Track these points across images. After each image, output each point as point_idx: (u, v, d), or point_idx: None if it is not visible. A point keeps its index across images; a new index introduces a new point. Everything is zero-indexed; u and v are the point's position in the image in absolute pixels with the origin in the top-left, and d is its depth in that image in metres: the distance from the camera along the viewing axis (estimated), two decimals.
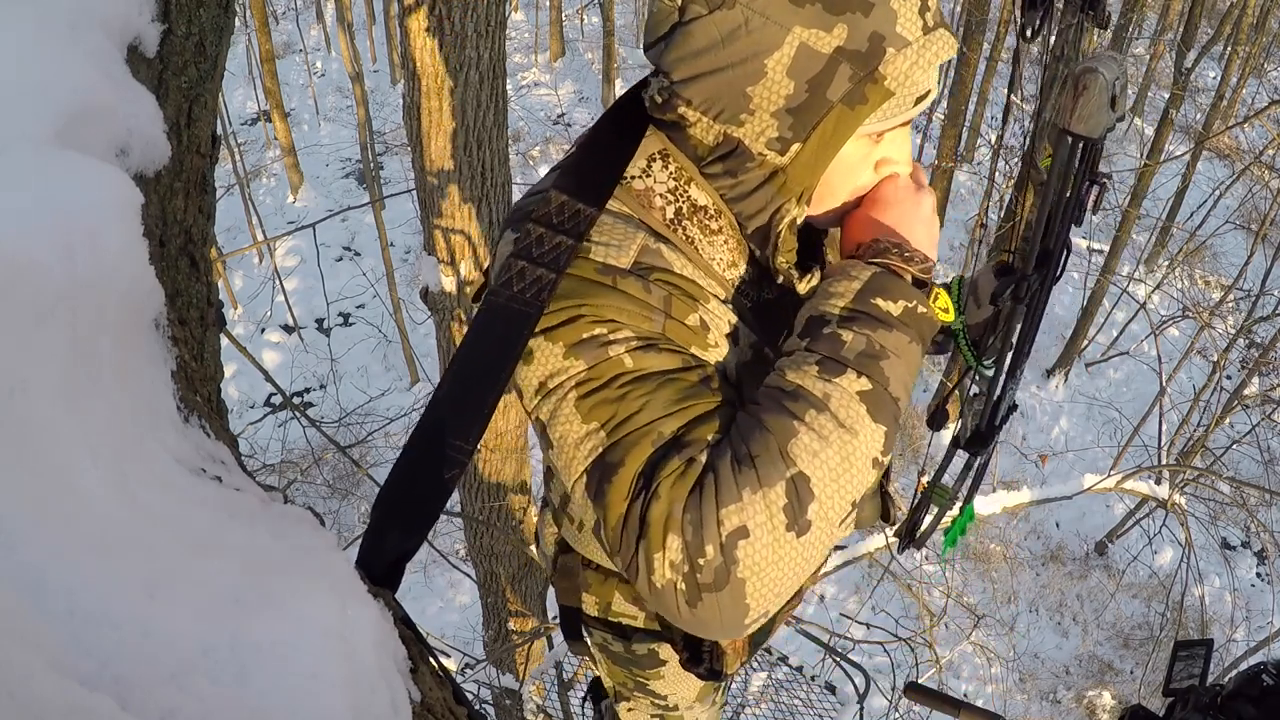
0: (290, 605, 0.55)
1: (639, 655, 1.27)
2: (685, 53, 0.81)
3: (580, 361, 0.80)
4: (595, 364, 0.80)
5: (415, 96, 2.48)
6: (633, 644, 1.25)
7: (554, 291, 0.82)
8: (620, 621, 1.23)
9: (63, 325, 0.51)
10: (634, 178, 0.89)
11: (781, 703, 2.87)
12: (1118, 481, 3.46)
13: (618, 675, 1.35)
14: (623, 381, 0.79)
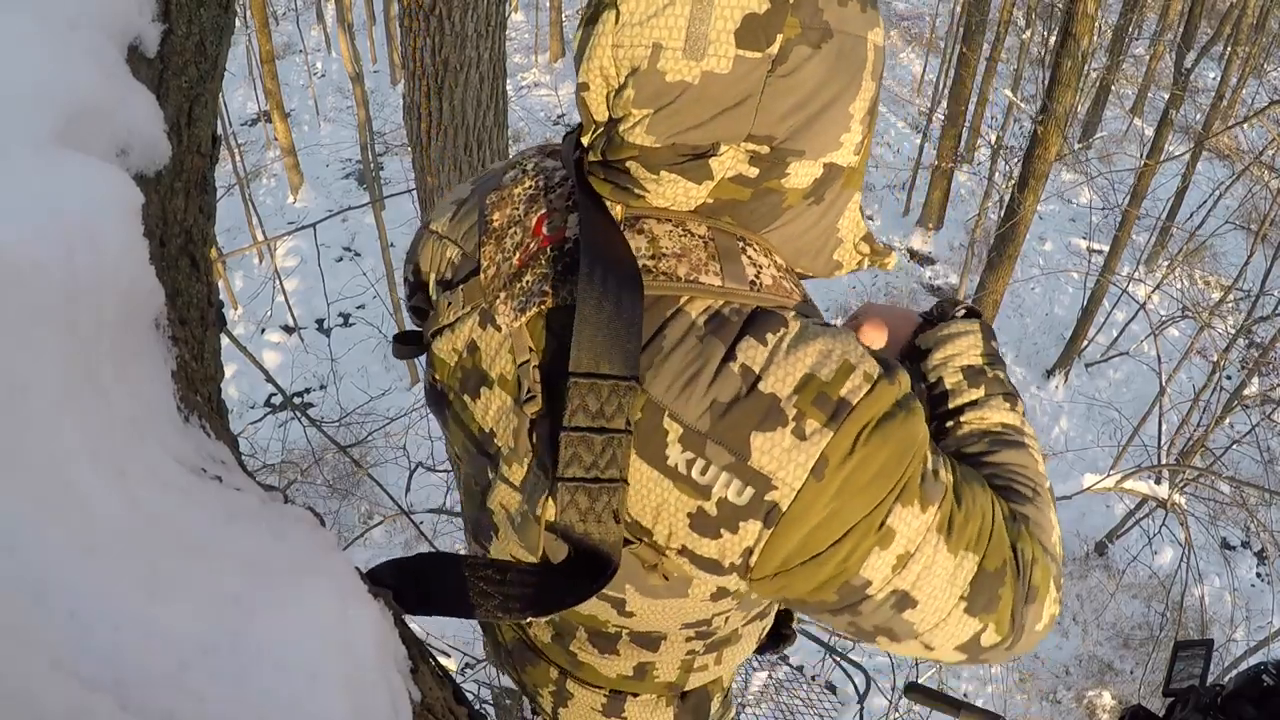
0: (290, 605, 0.55)
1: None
2: (794, 102, 0.69)
3: (932, 508, 0.72)
4: (939, 501, 0.72)
5: (415, 96, 2.48)
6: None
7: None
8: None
9: (63, 325, 0.51)
10: (757, 276, 0.74)
11: (781, 703, 2.87)
12: (1118, 481, 3.46)
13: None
14: (955, 496, 0.74)
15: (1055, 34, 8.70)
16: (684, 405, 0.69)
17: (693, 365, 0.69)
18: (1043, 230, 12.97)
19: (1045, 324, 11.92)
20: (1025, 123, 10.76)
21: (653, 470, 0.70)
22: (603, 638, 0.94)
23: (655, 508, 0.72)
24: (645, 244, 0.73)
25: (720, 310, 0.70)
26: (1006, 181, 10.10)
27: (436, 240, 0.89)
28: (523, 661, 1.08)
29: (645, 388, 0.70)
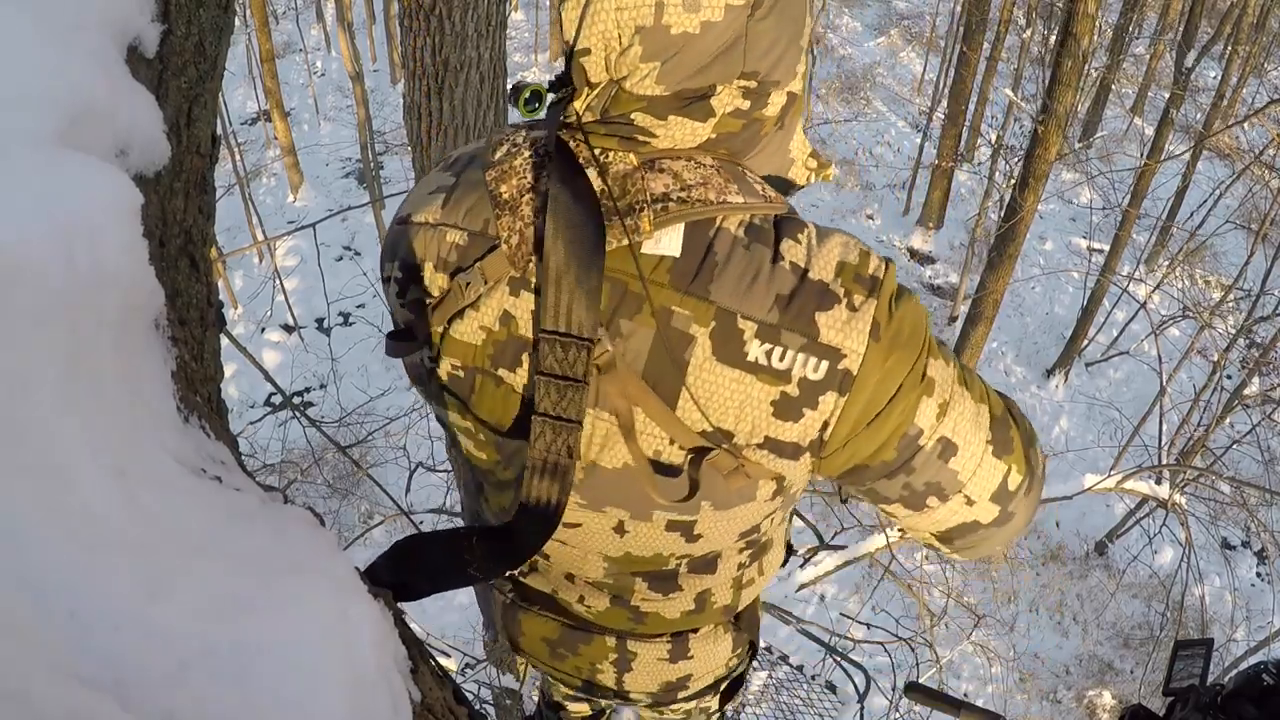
0: (290, 605, 0.55)
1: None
2: (770, 40, 0.77)
3: (952, 363, 0.86)
4: (952, 359, 0.87)
5: (415, 96, 2.48)
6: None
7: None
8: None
9: (63, 325, 0.51)
10: (764, 191, 0.83)
11: (781, 702, 2.88)
12: (1118, 481, 3.46)
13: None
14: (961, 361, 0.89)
15: (1055, 33, 8.70)
16: (752, 305, 0.78)
17: (749, 270, 0.78)
18: (1043, 230, 12.96)
19: (1045, 323, 11.91)
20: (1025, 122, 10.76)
21: (734, 371, 0.79)
22: (663, 579, 1.00)
23: (738, 406, 0.80)
24: (671, 180, 0.80)
25: (752, 221, 0.80)
26: (1007, 181, 10.10)
27: (429, 230, 0.88)
28: (572, 646, 1.10)
29: (711, 299, 0.78)
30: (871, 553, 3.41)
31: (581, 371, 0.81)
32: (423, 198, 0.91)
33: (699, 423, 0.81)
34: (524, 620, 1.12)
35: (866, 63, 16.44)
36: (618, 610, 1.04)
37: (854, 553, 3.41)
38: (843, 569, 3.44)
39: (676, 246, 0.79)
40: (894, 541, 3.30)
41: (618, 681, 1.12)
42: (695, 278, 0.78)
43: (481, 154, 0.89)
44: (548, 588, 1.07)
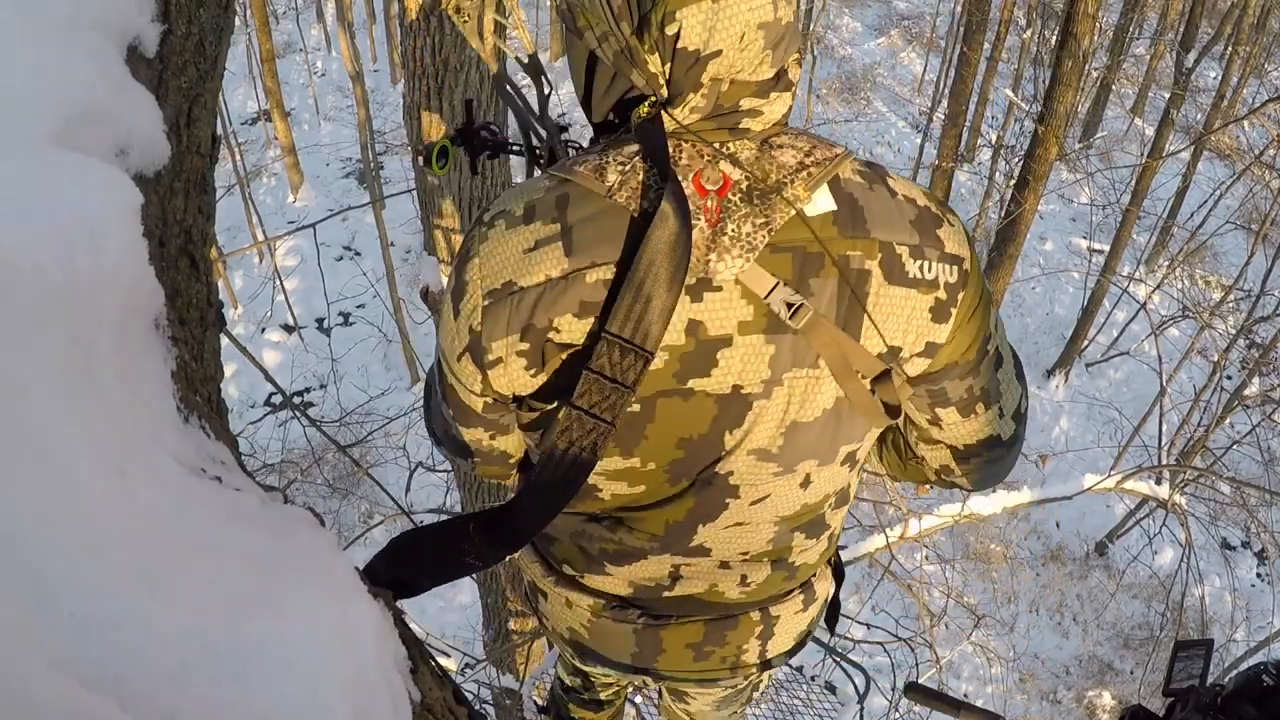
0: (290, 605, 0.55)
1: None
2: (794, 29, 0.87)
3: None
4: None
5: (415, 96, 2.48)
6: None
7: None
8: None
9: (62, 325, 0.51)
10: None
11: (781, 703, 2.88)
12: (1118, 481, 3.46)
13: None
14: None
15: (1056, 33, 8.70)
16: (899, 232, 0.89)
17: (884, 206, 0.90)
18: (1043, 230, 12.96)
19: (1046, 324, 11.91)
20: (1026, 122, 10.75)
21: (902, 289, 0.90)
22: (815, 524, 1.09)
23: (906, 319, 0.91)
24: (794, 152, 0.88)
25: (859, 169, 0.91)
26: (1007, 181, 10.09)
27: (555, 284, 0.86)
28: (719, 637, 1.15)
29: (873, 235, 0.88)
30: (871, 553, 3.41)
31: (631, 380, 0.85)
32: (520, 260, 0.87)
33: (877, 346, 0.91)
34: (665, 635, 1.14)
35: (867, 63, 16.44)
36: (777, 575, 1.11)
37: (854, 553, 3.41)
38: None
39: (830, 202, 0.88)
40: (894, 542, 3.30)
41: (761, 654, 1.19)
42: (853, 222, 0.88)
43: (560, 192, 0.88)
44: (700, 588, 1.10)
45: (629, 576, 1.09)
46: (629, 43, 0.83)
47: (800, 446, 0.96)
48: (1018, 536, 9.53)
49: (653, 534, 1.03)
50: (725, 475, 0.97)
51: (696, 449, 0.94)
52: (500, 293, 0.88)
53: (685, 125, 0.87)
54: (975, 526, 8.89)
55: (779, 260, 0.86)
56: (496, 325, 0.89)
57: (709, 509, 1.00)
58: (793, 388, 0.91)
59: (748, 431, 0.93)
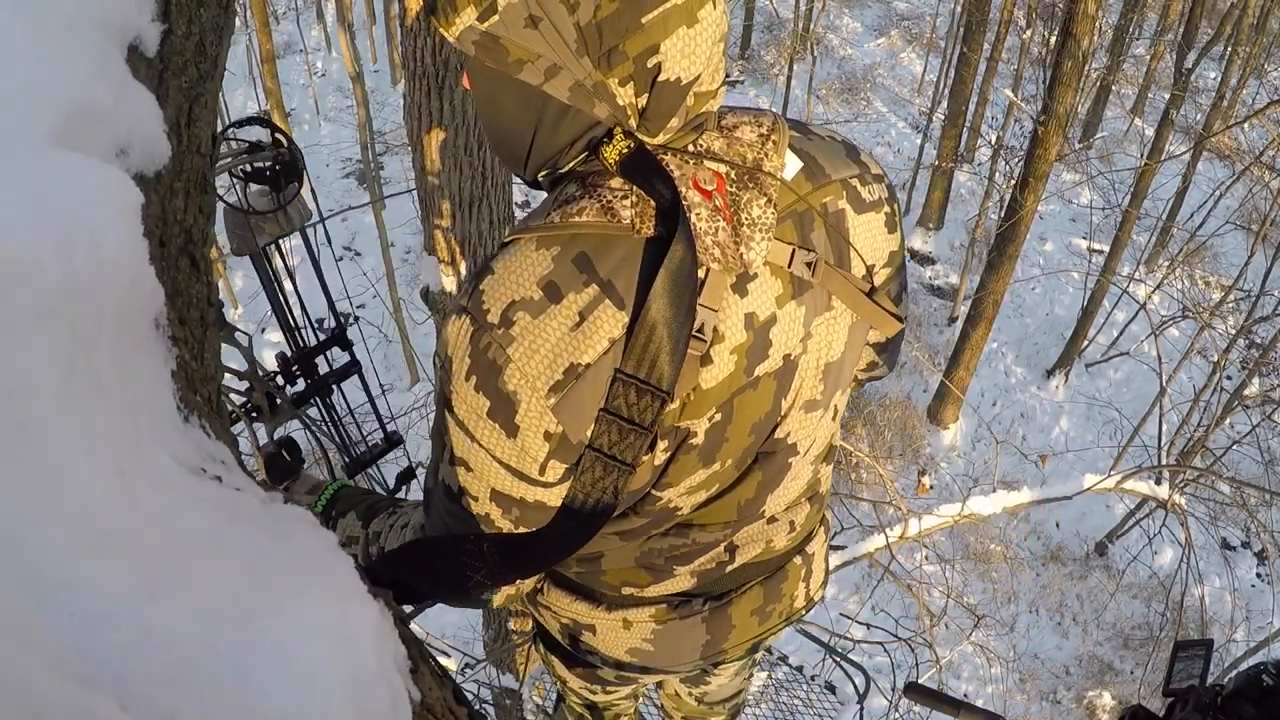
0: (290, 605, 0.55)
1: None
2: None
3: None
4: None
5: (415, 96, 2.48)
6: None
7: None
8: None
9: (63, 325, 0.51)
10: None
11: (781, 703, 2.88)
12: (1118, 482, 3.46)
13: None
14: None
15: (1056, 34, 8.70)
16: (846, 169, 0.97)
17: (825, 150, 0.97)
18: (1043, 230, 12.96)
19: (1045, 324, 11.91)
20: (1025, 123, 10.76)
21: (865, 214, 0.98)
22: (830, 450, 1.16)
23: (872, 238, 0.99)
24: (748, 129, 0.91)
25: (788, 121, 0.96)
26: (1007, 181, 10.10)
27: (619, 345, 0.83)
28: (776, 593, 1.18)
29: (832, 178, 0.95)
30: (871, 553, 3.41)
31: (649, 421, 0.82)
32: (568, 338, 0.81)
33: (860, 269, 0.97)
34: (733, 612, 1.15)
35: (867, 63, 16.44)
36: (813, 510, 1.17)
37: (854, 553, 3.41)
38: (842, 569, 3.43)
39: (796, 161, 0.93)
40: (893, 542, 3.30)
41: (807, 595, 1.23)
42: (818, 172, 0.95)
43: (574, 251, 0.82)
44: (756, 551, 1.12)
45: (693, 569, 1.09)
46: (593, 75, 0.77)
47: (833, 382, 1.02)
48: (1018, 536, 9.53)
49: (726, 521, 1.05)
50: (784, 438, 1.00)
51: (762, 428, 0.97)
52: (566, 381, 0.81)
53: (662, 144, 0.85)
54: (975, 527, 8.89)
55: (784, 228, 0.91)
56: (582, 413, 0.83)
57: (776, 476, 1.04)
58: (819, 334, 0.96)
59: (798, 390, 0.97)
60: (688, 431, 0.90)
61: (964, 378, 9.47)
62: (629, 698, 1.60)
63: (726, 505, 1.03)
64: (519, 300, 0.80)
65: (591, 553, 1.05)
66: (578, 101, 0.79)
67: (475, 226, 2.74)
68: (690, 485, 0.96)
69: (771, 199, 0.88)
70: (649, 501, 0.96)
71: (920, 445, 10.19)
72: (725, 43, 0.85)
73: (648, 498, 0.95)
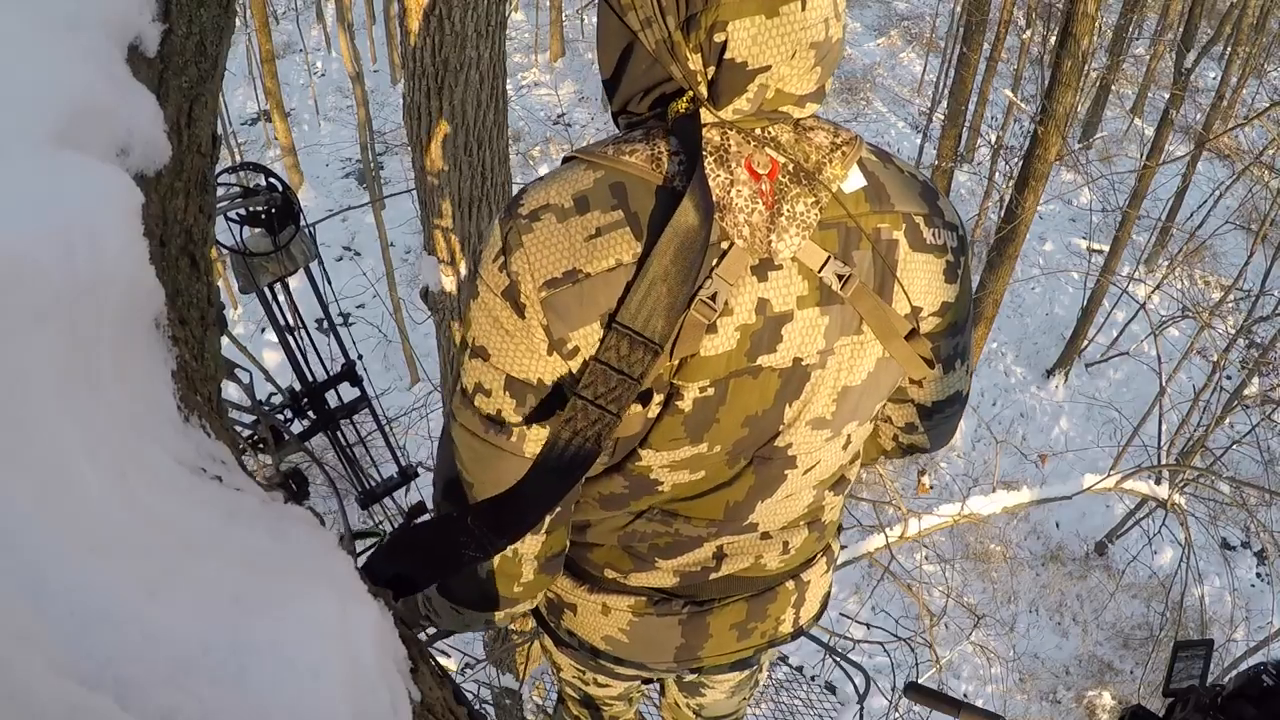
0: (290, 605, 0.55)
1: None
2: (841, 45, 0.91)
3: None
4: None
5: (415, 96, 2.48)
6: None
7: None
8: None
9: (62, 325, 0.51)
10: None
11: (781, 703, 2.87)
12: (1118, 481, 3.46)
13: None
14: None
15: (1055, 34, 8.70)
16: (913, 204, 0.96)
17: (899, 181, 0.97)
18: (1043, 230, 12.96)
19: (1045, 324, 11.91)
20: (1025, 122, 10.76)
21: (923, 254, 0.97)
22: (841, 480, 1.14)
23: (926, 281, 0.98)
24: (824, 135, 0.93)
25: (869, 147, 0.97)
26: (1006, 181, 10.09)
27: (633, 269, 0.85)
28: (761, 613, 1.17)
29: (897, 209, 0.95)
30: (871, 553, 3.41)
31: (639, 373, 0.85)
32: (580, 244, 0.85)
33: (904, 307, 0.97)
34: (712, 621, 1.15)
35: (867, 63, 16.44)
36: (813, 536, 1.15)
37: (854, 553, 3.41)
38: (842, 569, 3.44)
39: (861, 179, 0.93)
40: (893, 541, 3.30)
41: (795, 622, 1.22)
42: (879, 197, 0.94)
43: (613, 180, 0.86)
44: (745, 563, 1.11)
45: (676, 566, 1.09)
46: (673, 36, 0.83)
47: (848, 409, 1.01)
48: (1017, 536, 9.53)
49: (711, 519, 1.04)
50: (784, 448, 1.00)
51: (759, 426, 0.96)
52: (562, 281, 0.84)
53: (729, 121, 0.88)
54: (975, 526, 8.89)
55: (827, 236, 0.91)
56: (569, 315, 0.85)
57: (768, 484, 1.03)
58: (842, 355, 0.96)
59: (806, 402, 0.97)
60: (678, 393, 0.91)
61: None
62: (622, 699, 1.60)
63: (714, 502, 1.02)
64: (551, 205, 0.86)
65: (579, 521, 1.06)
66: (659, 55, 0.86)
67: (475, 226, 2.74)
68: (673, 459, 0.95)
69: (820, 201, 0.89)
70: (632, 460, 0.96)
71: None
72: (826, 56, 0.86)
73: (631, 456, 0.95)
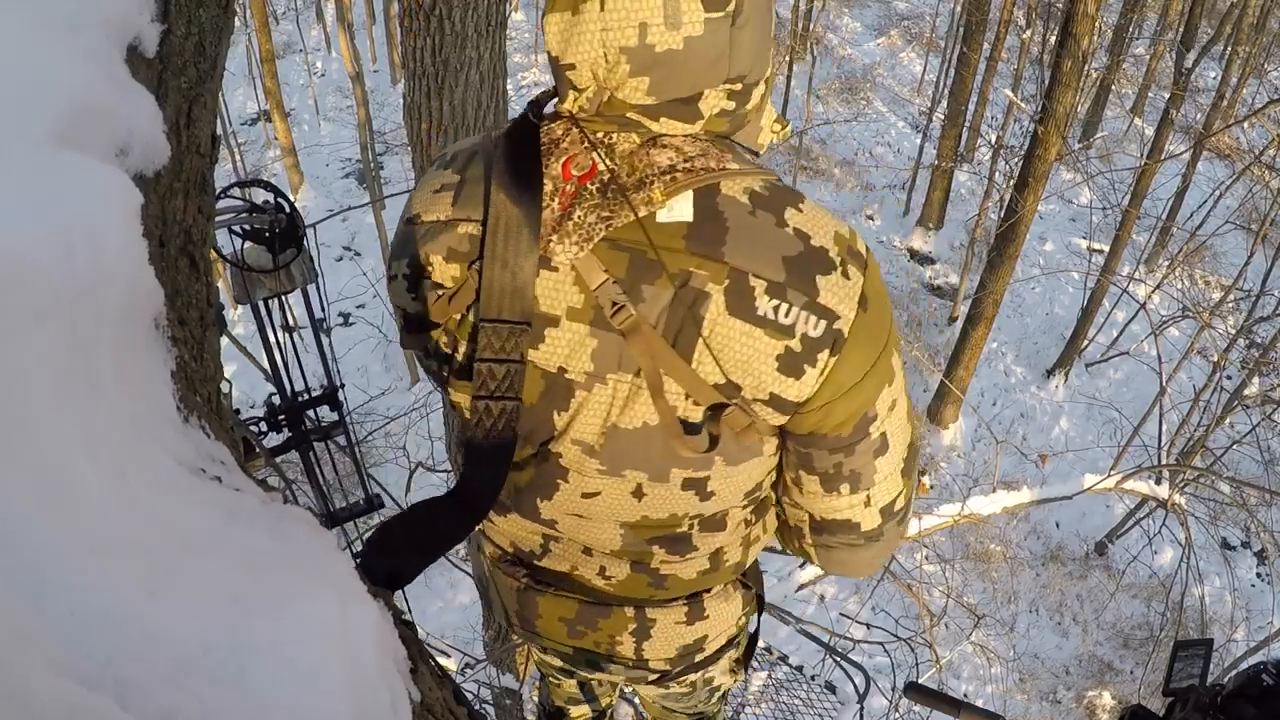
0: (290, 605, 0.55)
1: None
2: (750, 42, 0.84)
3: (902, 369, 0.95)
4: (902, 367, 0.95)
5: (415, 96, 2.48)
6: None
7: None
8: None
9: (62, 325, 0.51)
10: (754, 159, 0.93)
11: (781, 703, 2.87)
12: (1118, 481, 3.46)
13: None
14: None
15: (1055, 34, 8.70)
16: (761, 264, 0.84)
17: (755, 234, 0.84)
18: (1043, 230, 12.96)
19: (1045, 324, 11.91)
20: (1025, 122, 10.76)
21: (745, 324, 0.85)
22: (677, 540, 1.05)
23: (746, 358, 0.86)
24: (674, 154, 0.86)
25: (755, 189, 0.86)
26: (1007, 181, 10.09)
27: (439, 226, 0.94)
28: (591, 622, 1.14)
29: (725, 260, 0.84)
30: None
31: (520, 353, 0.89)
32: (429, 197, 0.95)
33: (714, 375, 0.87)
34: (541, 603, 1.14)
35: (867, 63, 16.44)
36: (639, 576, 1.08)
37: None
38: None
39: (689, 212, 0.84)
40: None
41: (637, 651, 1.15)
42: (709, 240, 0.84)
43: (482, 149, 0.94)
44: (565, 566, 1.10)
45: (508, 532, 1.11)
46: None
47: (622, 453, 0.94)
48: (1018, 536, 9.53)
49: (508, 494, 1.05)
50: (557, 456, 0.98)
51: (535, 418, 0.96)
52: (409, 222, 0.96)
53: (575, 115, 0.89)
54: (975, 526, 8.89)
55: (616, 257, 0.86)
56: (397, 247, 0.98)
57: (544, 485, 1.01)
58: (616, 390, 0.90)
59: (572, 419, 0.93)
60: (454, 343, 0.97)
61: (964, 377, 9.47)
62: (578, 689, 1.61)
63: (511, 478, 1.03)
64: (443, 154, 0.98)
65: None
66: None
67: None
68: (457, 385, 0.98)
69: (613, 219, 0.85)
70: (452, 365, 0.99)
71: (920, 445, 10.20)
72: (653, 67, 0.81)
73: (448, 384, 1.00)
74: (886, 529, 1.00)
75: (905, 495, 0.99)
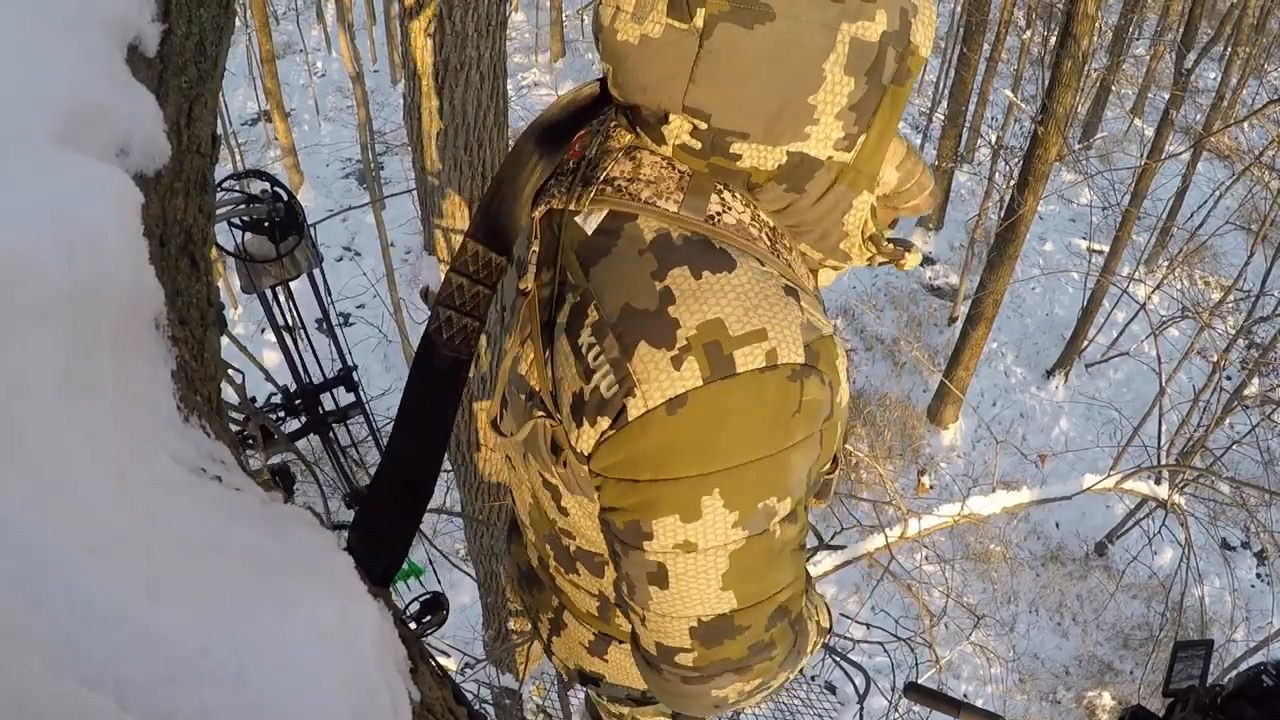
0: (290, 605, 0.55)
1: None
2: (725, 84, 0.73)
3: (744, 534, 0.75)
4: (755, 536, 0.76)
5: (415, 96, 2.48)
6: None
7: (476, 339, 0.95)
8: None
9: (63, 325, 0.51)
10: (719, 214, 0.78)
11: (781, 703, 2.88)
12: (1117, 481, 3.46)
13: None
14: (768, 555, 0.78)
15: (1055, 34, 8.70)
16: (607, 298, 0.75)
17: (626, 270, 0.76)
18: (1043, 230, 12.96)
19: (1045, 324, 11.91)
20: (1025, 122, 10.77)
21: (568, 346, 0.77)
22: (564, 555, 1.00)
23: (560, 380, 0.79)
24: (630, 168, 0.80)
25: (669, 234, 0.77)
26: (1007, 181, 10.09)
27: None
28: (531, 585, 1.16)
29: (589, 279, 0.77)
30: (871, 553, 3.41)
31: (491, 283, 0.94)
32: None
33: (549, 381, 0.81)
34: (514, 545, 1.21)
35: None
36: (544, 573, 1.11)
37: (853, 553, 3.41)
38: (842, 569, 3.44)
39: (591, 228, 0.80)
40: (893, 542, 3.30)
41: (548, 639, 1.15)
42: (587, 256, 0.79)
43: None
44: (518, 529, 1.17)
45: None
46: None
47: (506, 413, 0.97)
48: (1017, 536, 9.53)
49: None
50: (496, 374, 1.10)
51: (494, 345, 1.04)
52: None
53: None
54: (975, 527, 8.89)
55: (549, 234, 0.86)
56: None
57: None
58: (510, 352, 0.94)
59: (504, 348, 1.00)
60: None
61: (964, 378, 9.47)
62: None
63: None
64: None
65: None
66: None
67: None
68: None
69: (555, 200, 0.84)
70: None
71: (920, 445, 10.19)
72: (623, 62, 0.76)
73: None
74: (666, 672, 0.83)
75: (695, 661, 0.81)
